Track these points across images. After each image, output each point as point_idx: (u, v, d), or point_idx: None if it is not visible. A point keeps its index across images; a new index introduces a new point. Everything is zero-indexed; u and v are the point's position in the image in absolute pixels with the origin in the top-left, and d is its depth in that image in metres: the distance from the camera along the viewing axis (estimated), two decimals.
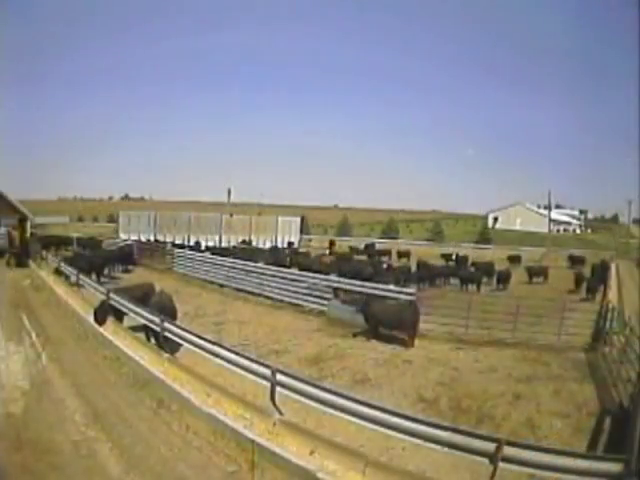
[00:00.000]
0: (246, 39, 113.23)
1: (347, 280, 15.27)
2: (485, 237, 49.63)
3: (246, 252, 24.28)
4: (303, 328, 12.62)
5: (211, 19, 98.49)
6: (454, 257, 26.62)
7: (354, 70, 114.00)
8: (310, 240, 39.21)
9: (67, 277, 16.47)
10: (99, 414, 6.98)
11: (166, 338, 9.35)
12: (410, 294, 13.47)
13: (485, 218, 63.43)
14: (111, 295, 11.63)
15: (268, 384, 6.94)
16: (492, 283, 20.78)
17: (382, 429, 5.79)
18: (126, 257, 21.92)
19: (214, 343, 8.22)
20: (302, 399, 6.57)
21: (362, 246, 32.78)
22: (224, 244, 32.90)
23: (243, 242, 33.18)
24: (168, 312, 10.33)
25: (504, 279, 20.24)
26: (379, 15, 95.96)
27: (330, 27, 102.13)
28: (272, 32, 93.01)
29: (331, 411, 6.24)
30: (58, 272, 17.26)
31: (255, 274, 17.01)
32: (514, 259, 27.61)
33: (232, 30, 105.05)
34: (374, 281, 15.19)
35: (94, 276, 17.18)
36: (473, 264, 24.15)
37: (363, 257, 27.69)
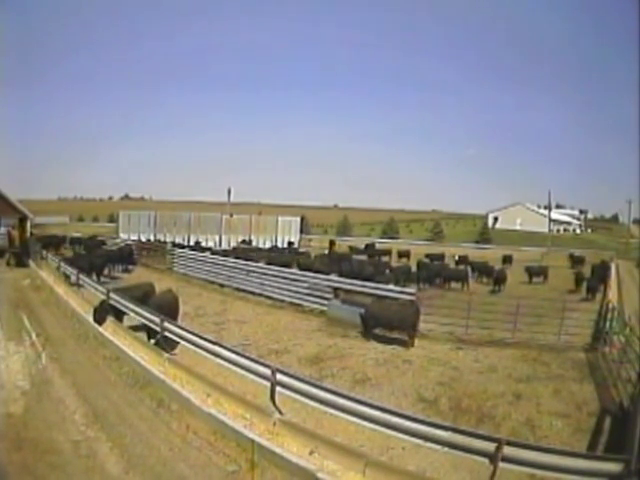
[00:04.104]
0: (246, 39, 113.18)
1: (347, 280, 15.28)
2: (485, 237, 49.69)
3: (239, 252, 24.34)
4: (303, 328, 12.62)
5: (211, 19, 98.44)
6: (456, 257, 26.65)
7: (354, 70, 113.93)
8: (310, 240, 39.19)
9: (67, 277, 16.48)
10: (99, 414, 6.98)
11: (165, 336, 9.36)
12: (410, 294, 13.49)
13: (485, 218, 63.45)
14: (111, 295, 11.63)
15: (268, 384, 6.95)
16: (487, 283, 20.97)
17: (382, 429, 5.79)
18: (126, 257, 21.92)
19: (214, 343, 8.23)
20: (302, 399, 6.57)
21: (362, 246, 32.76)
22: (224, 244, 32.90)
23: (243, 242, 33.19)
24: (172, 311, 10.38)
25: (500, 279, 20.22)
26: (379, 14, 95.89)
27: (330, 27, 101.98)
28: (272, 32, 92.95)
29: (331, 411, 6.25)
30: (58, 272, 17.26)
31: (255, 274, 17.01)
32: (506, 259, 27.80)
33: (232, 30, 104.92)
34: (375, 281, 15.20)
35: (94, 276, 17.18)
36: (470, 264, 24.44)
37: (363, 257, 27.66)
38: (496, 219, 63.64)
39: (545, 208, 55.18)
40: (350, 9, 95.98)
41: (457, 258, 26.28)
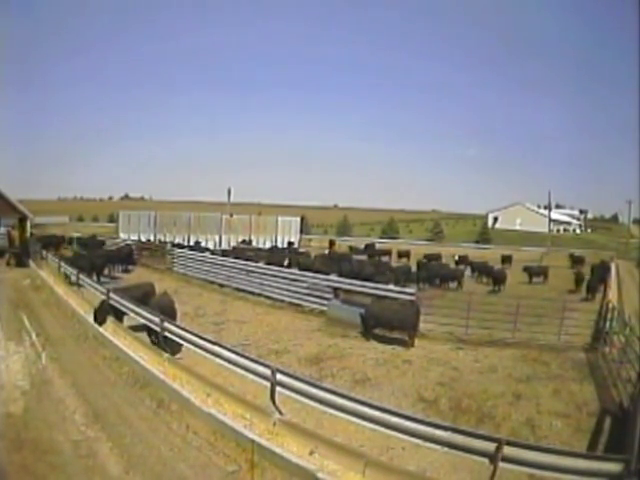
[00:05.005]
0: (248, 39, 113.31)
1: (347, 280, 15.27)
2: (485, 237, 49.73)
3: (238, 252, 24.38)
4: (303, 328, 12.61)
5: (212, 19, 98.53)
6: (456, 258, 26.68)
7: (354, 70, 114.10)
8: (310, 240, 39.18)
9: (67, 277, 16.48)
10: (99, 414, 6.98)
11: (166, 338, 9.36)
12: (410, 294, 13.48)
13: (485, 218, 63.47)
14: (111, 295, 11.63)
15: (268, 384, 6.95)
16: (487, 283, 21.05)
17: (382, 429, 5.79)
18: (126, 257, 21.91)
19: (214, 343, 8.22)
20: (302, 399, 6.57)
21: (362, 246, 32.76)
22: (224, 244, 32.89)
23: (243, 242, 33.20)
24: (168, 314, 10.33)
25: (500, 279, 20.20)
26: (380, 14, 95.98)
27: (331, 27, 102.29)
28: (273, 32, 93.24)
29: (331, 411, 6.24)
30: (58, 272, 17.26)
31: (255, 274, 17.01)
32: (506, 259, 27.89)
33: (234, 30, 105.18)
34: (374, 281, 15.19)
35: (94, 276, 17.18)
36: (470, 263, 24.68)
37: (363, 257, 27.65)
38: (496, 219, 63.73)
39: (545, 208, 55.22)
40: (352, 10, 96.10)
41: (457, 258, 26.33)
